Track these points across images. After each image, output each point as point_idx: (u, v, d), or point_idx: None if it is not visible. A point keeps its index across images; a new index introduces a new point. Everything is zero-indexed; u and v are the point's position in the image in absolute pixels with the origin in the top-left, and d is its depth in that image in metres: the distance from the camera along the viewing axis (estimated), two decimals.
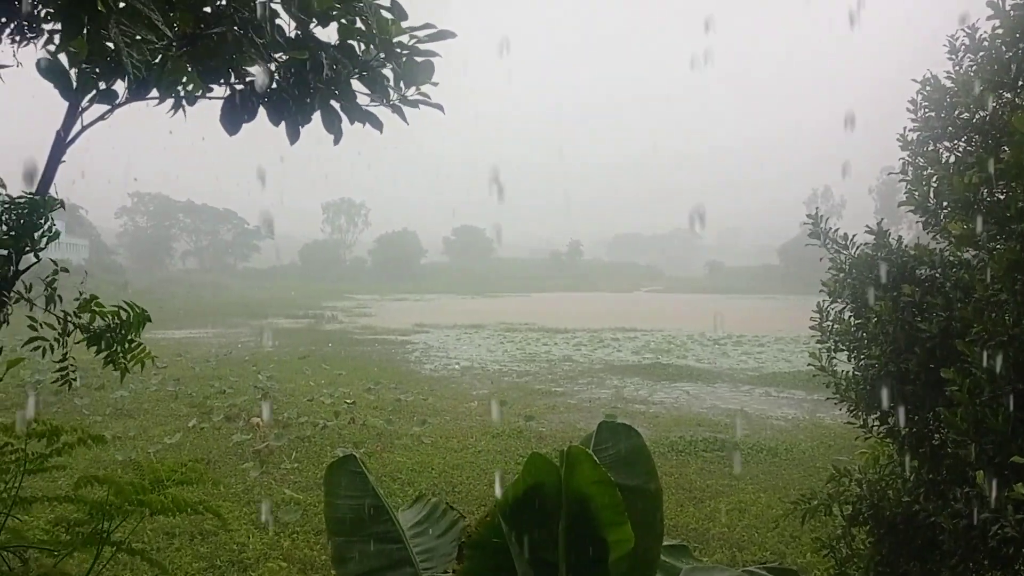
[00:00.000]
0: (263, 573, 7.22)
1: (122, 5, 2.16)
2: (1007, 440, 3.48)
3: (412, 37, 2.89)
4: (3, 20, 2.34)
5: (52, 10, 2.29)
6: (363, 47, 2.84)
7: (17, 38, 2.47)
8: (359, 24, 2.81)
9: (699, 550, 7.86)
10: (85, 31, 2.22)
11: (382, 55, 2.85)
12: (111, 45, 2.33)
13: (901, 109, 5.24)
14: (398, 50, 2.85)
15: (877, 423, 4.46)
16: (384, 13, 2.89)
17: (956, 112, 4.66)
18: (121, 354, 2.87)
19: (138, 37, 2.31)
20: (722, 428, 14.28)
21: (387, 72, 2.96)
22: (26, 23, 2.34)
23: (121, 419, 14.31)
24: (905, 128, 4.96)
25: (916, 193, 4.59)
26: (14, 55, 2.58)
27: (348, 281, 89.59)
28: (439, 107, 3.09)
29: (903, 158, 4.88)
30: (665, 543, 3.35)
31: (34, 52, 2.71)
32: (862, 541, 4.48)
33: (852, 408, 4.54)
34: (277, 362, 23.56)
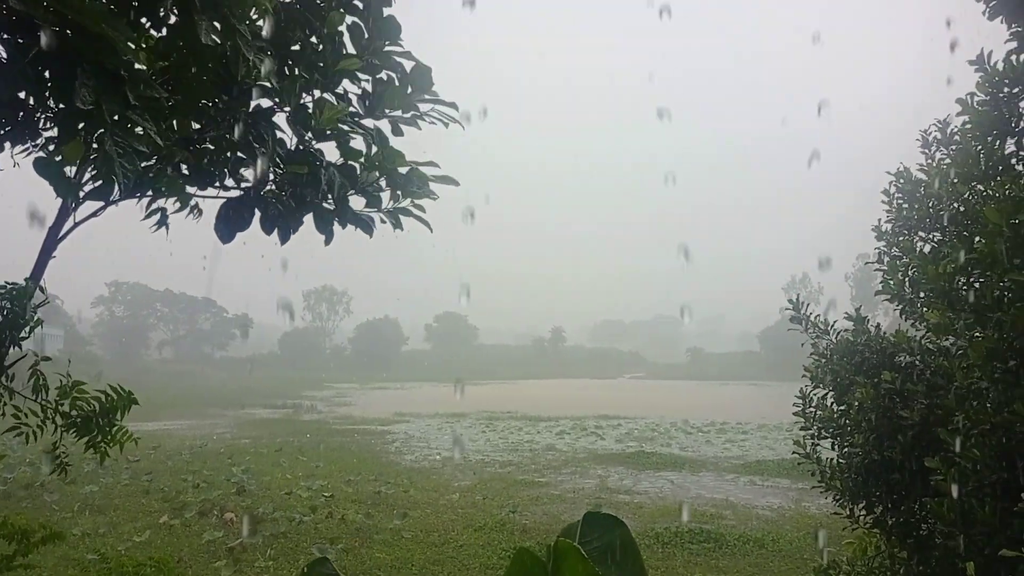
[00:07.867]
0: None
1: (116, 118, 2.21)
2: (995, 531, 3.43)
3: (420, 169, 2.96)
4: (7, 126, 2.39)
5: (51, 115, 2.34)
6: (363, 170, 2.90)
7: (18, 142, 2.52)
8: (360, 146, 2.89)
9: None
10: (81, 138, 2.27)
11: (383, 180, 2.93)
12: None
13: (877, 194, 5.37)
14: (400, 176, 2.92)
15: (863, 513, 4.41)
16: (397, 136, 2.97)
17: (930, 203, 4.79)
18: (102, 438, 2.82)
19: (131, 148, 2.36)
20: (708, 519, 14.04)
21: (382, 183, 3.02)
22: (27, 129, 2.39)
23: (91, 515, 13.86)
24: (880, 219, 5.08)
25: (891, 282, 4.67)
26: (11, 156, 2.63)
27: (328, 370, 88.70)
28: (427, 224, 3.13)
29: (878, 248, 4.99)
30: None
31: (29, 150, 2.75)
32: None
33: (838, 497, 4.50)
34: (253, 454, 23.05)
